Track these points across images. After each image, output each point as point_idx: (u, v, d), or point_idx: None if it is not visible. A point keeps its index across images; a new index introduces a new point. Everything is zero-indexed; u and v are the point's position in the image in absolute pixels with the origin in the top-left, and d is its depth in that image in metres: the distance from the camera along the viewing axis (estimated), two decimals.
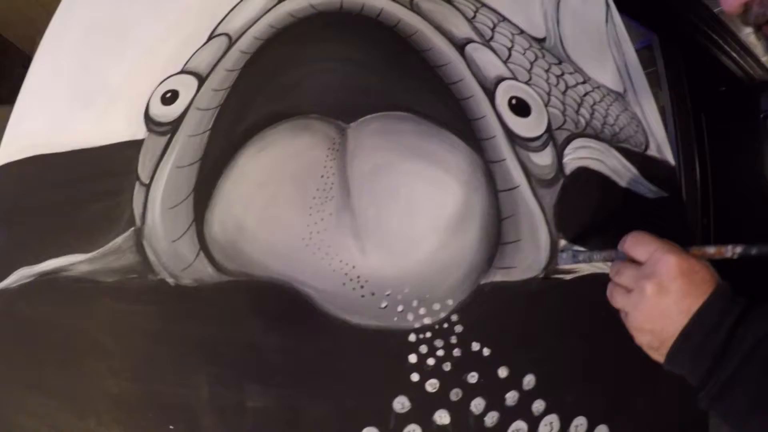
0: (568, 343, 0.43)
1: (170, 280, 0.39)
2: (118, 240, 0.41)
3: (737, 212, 0.83)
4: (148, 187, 0.41)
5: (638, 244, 0.35)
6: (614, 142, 0.48)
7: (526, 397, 0.41)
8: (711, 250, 0.35)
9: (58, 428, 0.40)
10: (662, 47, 0.80)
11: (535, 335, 0.42)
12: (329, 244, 0.39)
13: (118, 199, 0.42)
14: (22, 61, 0.48)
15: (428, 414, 0.39)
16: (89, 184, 0.42)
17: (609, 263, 0.38)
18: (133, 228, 0.41)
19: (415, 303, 0.39)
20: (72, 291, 0.41)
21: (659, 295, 0.33)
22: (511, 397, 0.41)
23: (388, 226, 0.40)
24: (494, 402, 0.40)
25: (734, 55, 0.78)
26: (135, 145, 0.43)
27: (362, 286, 0.39)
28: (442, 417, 0.39)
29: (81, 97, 0.46)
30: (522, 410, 0.41)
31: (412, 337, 0.39)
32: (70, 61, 0.48)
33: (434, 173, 0.41)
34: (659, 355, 0.34)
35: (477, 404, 0.40)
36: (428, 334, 0.39)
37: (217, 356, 0.38)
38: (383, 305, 0.39)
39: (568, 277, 0.43)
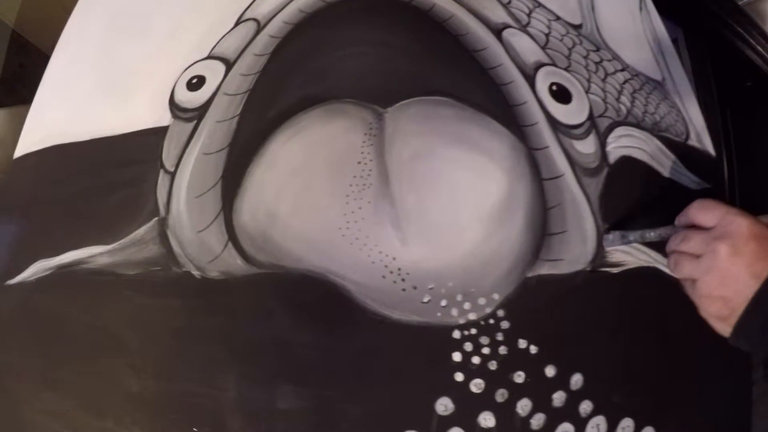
0: (615, 341, 0.40)
1: (196, 273, 0.37)
2: (141, 231, 0.38)
3: (764, 208, 0.81)
4: (173, 175, 0.39)
5: (705, 209, 0.33)
6: (655, 131, 0.46)
7: (574, 398, 0.39)
8: None
9: (73, 428, 0.37)
10: (688, 42, 0.78)
11: (583, 332, 0.39)
12: (367, 234, 0.37)
13: (140, 188, 0.39)
14: (44, 63, 0.47)
15: (472, 416, 0.36)
16: (110, 173, 0.40)
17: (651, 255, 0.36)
18: (156, 218, 0.38)
19: (459, 297, 0.37)
20: (91, 284, 0.38)
21: (733, 257, 0.31)
22: (559, 398, 0.38)
23: (429, 215, 0.38)
24: (541, 403, 0.38)
25: (760, 49, 0.77)
26: (159, 132, 0.40)
27: (403, 279, 0.36)
28: (486, 419, 0.37)
29: (103, 85, 0.44)
30: (569, 411, 0.39)
31: (456, 334, 0.36)
32: (93, 50, 0.46)
33: (477, 160, 0.39)
34: (726, 326, 0.33)
35: (523, 405, 0.38)
36: (473, 331, 0.37)
37: (247, 354, 0.36)
38: (426, 300, 0.37)
39: (615, 270, 0.41)
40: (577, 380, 0.39)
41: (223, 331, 0.36)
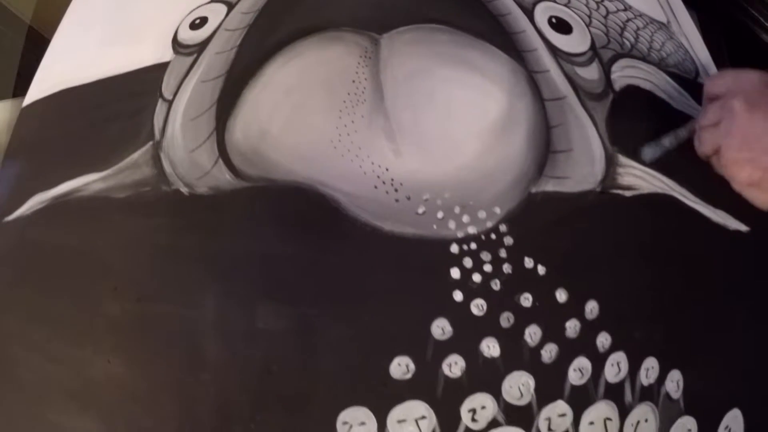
0: (633, 270, 0.36)
1: (185, 190, 0.36)
2: (135, 155, 0.38)
3: None
4: (170, 102, 0.39)
5: (715, 79, 0.31)
6: (663, 66, 0.45)
7: (589, 329, 0.34)
8: None
9: (52, 359, 0.35)
10: (702, 27, 0.78)
11: (596, 256, 0.36)
12: (359, 146, 0.35)
13: (139, 118, 0.40)
14: None
15: (474, 342, 0.33)
16: (110, 107, 0.41)
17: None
18: (151, 142, 0.38)
19: (457, 210, 0.34)
20: (83, 210, 0.38)
21: (750, 111, 0.29)
22: (572, 327, 0.34)
23: (425, 129, 0.36)
24: (553, 331, 0.34)
25: None
26: (161, 68, 0.41)
27: (396, 190, 0.34)
28: (490, 347, 0.33)
29: (111, 35, 0.46)
30: (585, 344, 0.34)
31: (454, 248, 0.34)
32: (103, 5, 0.48)
33: (474, 79, 0.38)
34: (762, 193, 0.29)
35: (532, 333, 0.34)
36: (473, 246, 0.34)
37: (228, 270, 0.34)
38: (420, 211, 0.34)
39: (628, 194, 0.37)
40: (592, 308, 0.35)
41: (207, 248, 0.35)
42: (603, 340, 0.35)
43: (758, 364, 0.43)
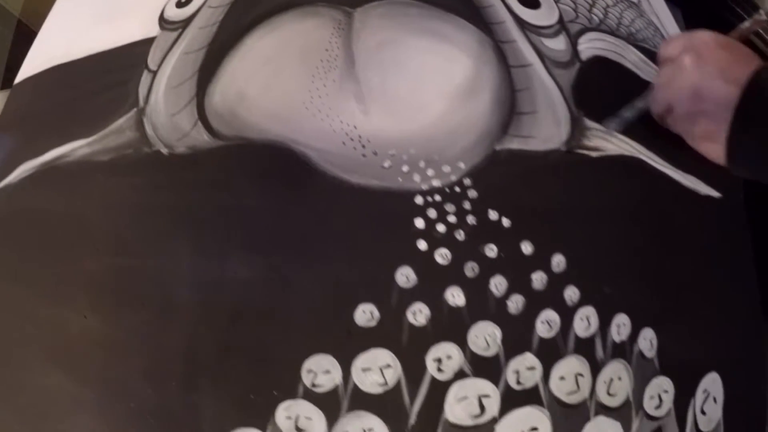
0: (601, 226, 0.37)
1: (164, 150, 0.38)
2: (120, 121, 0.40)
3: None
4: (155, 73, 0.41)
5: (668, 42, 0.32)
6: (631, 41, 0.46)
7: (557, 281, 0.35)
8: (746, 24, 0.31)
9: (30, 319, 0.36)
10: (687, 23, 0.80)
11: (562, 212, 0.36)
12: (330, 107, 0.37)
13: (125, 88, 0.42)
14: None
15: (438, 291, 0.33)
16: (99, 79, 0.43)
17: None
18: (135, 108, 0.40)
19: (422, 164, 0.35)
20: (69, 175, 0.40)
21: (700, 65, 0.29)
22: (539, 279, 0.35)
23: (393, 91, 0.38)
24: (518, 283, 0.34)
25: (761, 31, 0.77)
26: (147, 42, 0.43)
27: (363, 146, 0.36)
28: (455, 296, 0.33)
29: (102, 15, 0.48)
30: (552, 297, 0.34)
31: (419, 200, 0.34)
32: None
33: (442, 48, 0.39)
34: (717, 146, 0.29)
35: (497, 283, 0.34)
36: (437, 198, 0.35)
37: (201, 223, 0.35)
38: (386, 165, 0.35)
39: (595, 154, 0.38)
40: (558, 261, 0.35)
41: (183, 202, 0.36)
42: (571, 293, 0.35)
43: (737, 330, 0.42)
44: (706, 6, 0.79)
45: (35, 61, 0.47)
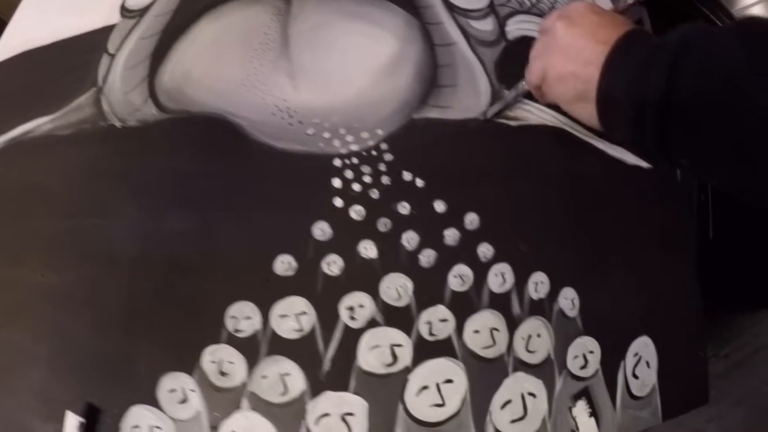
0: (518, 188, 0.39)
1: (118, 124, 0.41)
2: (80, 99, 0.44)
3: None
4: (113, 56, 0.46)
5: (547, 16, 0.33)
6: None
7: (470, 238, 0.37)
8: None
9: None
10: (653, 22, 0.82)
11: (477, 175, 0.39)
12: (264, 83, 0.40)
13: (86, 70, 0.46)
14: None
15: (352, 244, 0.36)
16: (64, 63, 0.47)
17: None
18: (94, 88, 0.44)
19: (342, 131, 0.38)
20: (33, 148, 0.44)
21: (570, 29, 0.30)
22: (451, 236, 0.37)
23: (322, 69, 0.41)
24: (430, 238, 0.36)
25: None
26: (108, 29, 0.48)
27: (291, 116, 0.39)
28: (367, 249, 0.36)
29: (68, 6, 0.52)
30: (465, 253, 0.37)
31: (337, 162, 0.38)
32: None
33: (370, 30, 0.43)
34: (587, 104, 0.30)
35: (409, 238, 0.36)
36: (355, 160, 0.37)
37: (145, 185, 0.39)
38: (310, 132, 0.39)
39: (514, 123, 0.41)
40: (472, 220, 0.37)
41: (131, 169, 0.40)
42: (485, 250, 0.37)
43: (669, 297, 0.43)
44: (672, 5, 0.81)
45: (5, 48, 0.52)
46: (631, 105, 0.28)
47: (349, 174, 0.37)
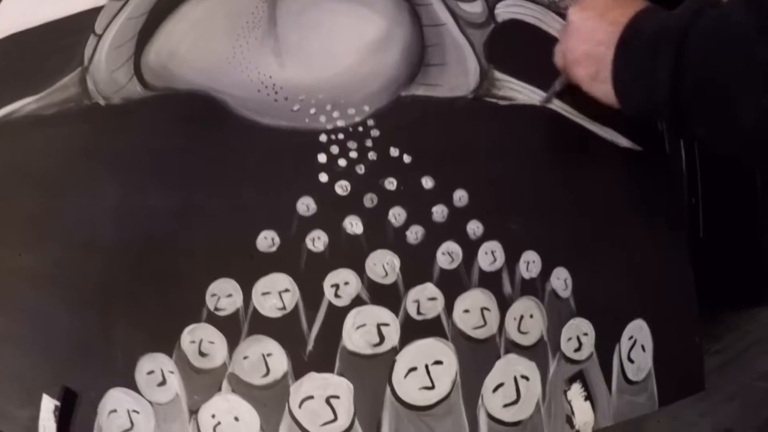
0: (505, 166, 0.38)
1: (102, 102, 0.41)
2: (65, 79, 0.43)
3: (726, 191, 0.77)
4: (100, 36, 0.45)
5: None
6: (554, 8, 0.48)
7: (459, 215, 0.36)
8: None
9: None
10: None
11: (466, 152, 0.38)
12: (250, 60, 0.39)
13: (72, 51, 0.45)
14: None
15: (337, 219, 0.35)
16: (50, 44, 0.46)
17: None
18: (80, 68, 0.43)
19: (328, 107, 0.38)
20: (17, 128, 0.43)
21: (583, 11, 0.32)
22: (439, 212, 0.36)
23: (308, 47, 0.40)
24: (418, 215, 0.36)
25: None
26: (96, 11, 0.46)
27: (276, 93, 0.38)
28: (353, 224, 0.35)
29: None
30: (454, 230, 0.36)
31: (323, 137, 0.37)
32: None
33: (359, 10, 0.42)
34: (603, 84, 0.31)
35: (396, 214, 0.35)
36: (341, 136, 0.37)
37: (129, 163, 0.38)
38: (295, 108, 0.38)
39: (503, 102, 0.40)
40: (460, 196, 0.37)
41: (114, 147, 0.39)
42: (474, 227, 0.36)
43: (664, 280, 0.42)
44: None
45: None
46: (645, 81, 0.29)
47: (334, 149, 0.36)
